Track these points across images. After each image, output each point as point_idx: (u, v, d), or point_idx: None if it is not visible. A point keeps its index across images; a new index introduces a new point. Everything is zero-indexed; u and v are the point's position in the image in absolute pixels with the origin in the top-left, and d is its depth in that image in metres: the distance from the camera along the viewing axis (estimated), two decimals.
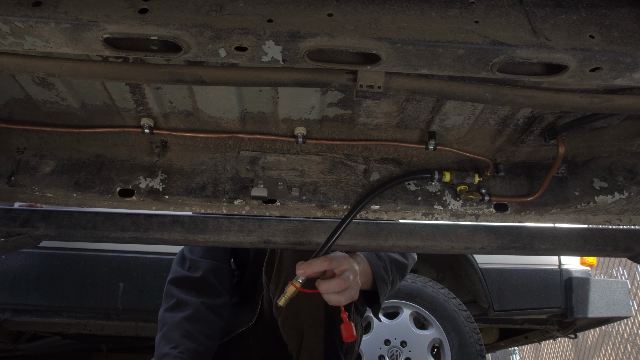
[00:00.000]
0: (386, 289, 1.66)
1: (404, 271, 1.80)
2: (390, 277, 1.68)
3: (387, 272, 1.67)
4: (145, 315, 3.22)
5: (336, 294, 1.32)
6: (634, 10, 0.95)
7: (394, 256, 1.76)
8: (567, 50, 0.89)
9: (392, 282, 1.71)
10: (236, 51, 0.89)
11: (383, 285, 1.63)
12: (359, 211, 1.38)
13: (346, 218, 1.35)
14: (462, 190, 1.43)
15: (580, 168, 1.48)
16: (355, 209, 1.38)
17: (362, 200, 1.39)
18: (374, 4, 0.92)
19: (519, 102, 1.06)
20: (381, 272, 1.64)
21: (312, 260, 1.31)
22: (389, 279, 1.67)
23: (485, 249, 1.44)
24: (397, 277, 1.75)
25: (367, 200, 1.39)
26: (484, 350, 3.09)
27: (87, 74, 0.99)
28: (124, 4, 0.87)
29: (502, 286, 3.33)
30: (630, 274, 6.31)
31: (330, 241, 1.32)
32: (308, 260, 1.32)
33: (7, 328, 3.54)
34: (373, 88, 1.00)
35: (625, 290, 3.65)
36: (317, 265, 1.31)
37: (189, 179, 1.44)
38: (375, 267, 1.62)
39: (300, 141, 1.39)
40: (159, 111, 1.33)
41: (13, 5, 0.85)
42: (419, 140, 1.44)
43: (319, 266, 1.31)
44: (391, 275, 1.69)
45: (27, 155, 1.43)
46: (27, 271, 3.11)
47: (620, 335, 6.41)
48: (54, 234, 1.39)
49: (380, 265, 1.65)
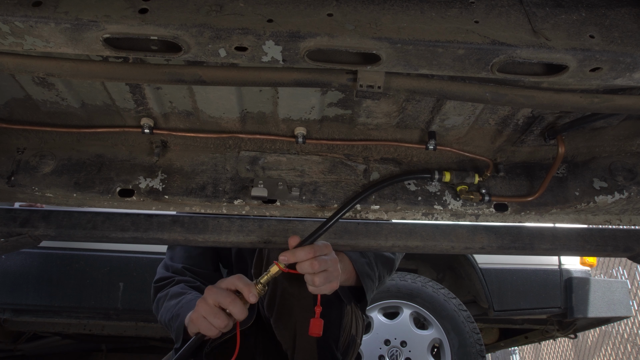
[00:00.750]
0: (372, 285, 1.66)
1: (391, 265, 1.81)
2: (376, 273, 1.69)
3: (372, 268, 1.68)
4: (145, 315, 3.22)
5: (311, 275, 1.34)
6: (634, 10, 0.95)
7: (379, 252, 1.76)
8: (567, 50, 0.89)
9: (379, 278, 1.72)
10: (236, 51, 0.89)
11: (369, 281, 1.64)
12: (352, 207, 1.39)
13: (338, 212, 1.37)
14: (462, 190, 1.43)
15: (580, 168, 1.48)
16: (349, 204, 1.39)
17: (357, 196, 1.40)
18: (374, 4, 0.92)
19: (519, 102, 1.06)
20: (365, 268, 1.64)
21: (296, 249, 1.33)
22: (375, 275, 1.68)
23: (485, 249, 1.44)
24: (384, 272, 1.76)
25: (363, 196, 1.40)
26: (484, 350, 3.09)
27: (87, 74, 0.99)
28: (124, 4, 0.87)
29: (502, 286, 3.33)
30: (630, 274, 6.31)
31: (318, 233, 1.33)
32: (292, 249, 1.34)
33: (7, 328, 3.54)
34: (373, 88, 1.00)
35: (625, 290, 3.65)
36: (300, 255, 1.33)
37: (189, 179, 1.44)
38: (358, 265, 1.63)
39: (300, 141, 1.39)
40: (159, 111, 1.33)
41: (13, 5, 0.85)
42: (419, 140, 1.44)
43: (303, 255, 1.33)
44: (377, 270, 1.70)
45: (27, 155, 1.43)
46: (27, 271, 3.11)
47: (620, 335, 6.41)
48: (54, 234, 1.39)
49: (364, 262, 1.66)
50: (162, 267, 1.87)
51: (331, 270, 1.37)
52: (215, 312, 1.35)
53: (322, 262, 1.35)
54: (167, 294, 1.71)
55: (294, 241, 1.34)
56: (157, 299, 1.75)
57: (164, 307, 1.68)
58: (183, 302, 1.61)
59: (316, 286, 1.36)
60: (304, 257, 1.33)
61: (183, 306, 1.58)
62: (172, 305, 1.63)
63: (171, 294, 1.69)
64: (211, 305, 1.36)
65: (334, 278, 1.38)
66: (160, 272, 1.84)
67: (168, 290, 1.73)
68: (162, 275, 1.81)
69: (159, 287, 1.78)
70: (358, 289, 1.65)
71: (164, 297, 1.71)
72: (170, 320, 1.59)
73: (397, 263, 1.85)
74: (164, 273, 1.82)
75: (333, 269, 1.38)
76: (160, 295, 1.74)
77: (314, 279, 1.35)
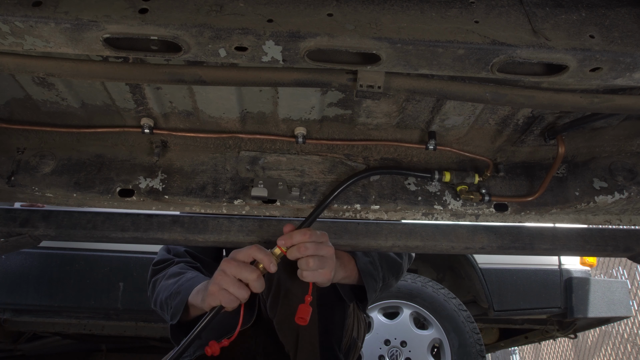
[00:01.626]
0: (375, 285, 1.65)
1: (398, 269, 1.79)
2: (380, 274, 1.68)
3: (376, 268, 1.66)
4: (145, 315, 3.22)
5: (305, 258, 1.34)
6: (634, 10, 0.95)
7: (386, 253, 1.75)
8: (567, 50, 0.89)
9: (384, 279, 1.71)
10: (236, 51, 0.89)
11: (371, 280, 1.62)
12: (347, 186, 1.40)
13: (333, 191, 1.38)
14: (462, 190, 1.43)
15: (580, 168, 1.48)
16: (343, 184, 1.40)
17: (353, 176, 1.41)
18: (374, 4, 0.92)
19: (519, 102, 1.06)
20: (368, 267, 1.63)
21: (293, 232, 1.34)
22: (379, 276, 1.67)
23: (485, 249, 1.44)
24: (389, 274, 1.74)
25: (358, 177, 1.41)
26: (484, 350, 3.09)
27: (87, 74, 0.99)
28: (124, 4, 0.87)
29: (502, 286, 3.33)
30: (630, 274, 6.31)
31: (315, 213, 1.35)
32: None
33: (7, 328, 3.54)
34: (373, 88, 1.00)
35: (625, 290, 3.65)
36: (297, 237, 1.33)
37: (189, 179, 1.44)
38: (360, 263, 1.62)
39: (300, 141, 1.39)
40: (159, 111, 1.33)
41: (13, 5, 0.85)
42: (419, 140, 1.44)
43: (299, 238, 1.33)
44: (381, 271, 1.68)
45: (27, 155, 1.43)
46: (27, 271, 3.11)
47: (620, 335, 6.41)
48: (54, 234, 1.39)
49: (367, 261, 1.65)
50: (163, 250, 1.84)
51: (326, 257, 1.37)
52: (237, 284, 1.32)
53: (317, 246, 1.35)
54: (165, 274, 1.69)
55: (289, 229, 1.35)
56: (154, 281, 1.72)
57: (160, 286, 1.65)
58: (183, 280, 1.59)
59: (310, 269, 1.35)
60: (300, 240, 1.34)
61: (183, 284, 1.56)
62: (170, 284, 1.60)
63: (170, 273, 1.67)
64: (231, 277, 1.33)
65: (327, 265, 1.37)
66: (161, 255, 1.81)
67: (166, 271, 1.71)
68: (162, 258, 1.79)
69: (157, 270, 1.76)
70: (360, 287, 1.65)
71: (162, 277, 1.69)
72: (167, 298, 1.57)
73: (405, 267, 1.83)
74: (164, 255, 1.80)
75: (328, 256, 1.38)
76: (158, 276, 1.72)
77: (308, 261, 1.34)
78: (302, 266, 1.36)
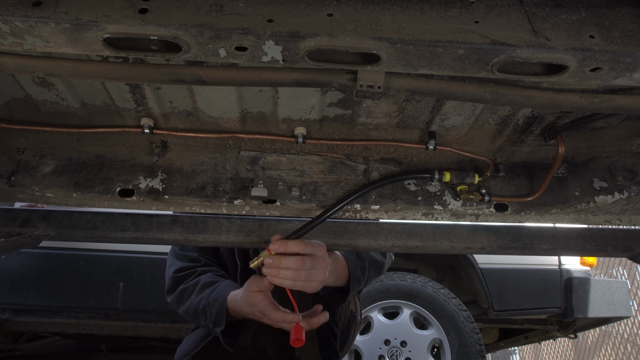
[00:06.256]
0: (357, 287, 1.69)
1: (381, 270, 1.84)
2: (365, 277, 1.72)
3: (364, 272, 1.70)
4: (145, 315, 3.22)
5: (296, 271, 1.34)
6: (634, 10, 0.95)
7: (374, 256, 1.79)
8: (567, 50, 0.89)
9: (366, 281, 1.76)
10: (236, 51, 0.89)
11: (356, 284, 1.66)
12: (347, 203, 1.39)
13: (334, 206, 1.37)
14: (462, 190, 1.43)
15: (580, 168, 1.48)
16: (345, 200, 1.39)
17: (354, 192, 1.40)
18: (374, 4, 0.92)
19: (519, 102, 1.06)
20: (358, 272, 1.66)
21: (288, 241, 1.33)
22: (364, 279, 1.71)
23: (485, 249, 1.44)
24: (373, 275, 1.79)
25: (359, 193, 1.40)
26: (484, 350, 3.09)
27: (87, 74, 0.99)
28: (124, 4, 0.87)
29: (502, 286, 3.33)
30: (630, 274, 6.31)
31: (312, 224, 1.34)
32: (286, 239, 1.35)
33: (7, 328, 3.54)
34: (373, 88, 1.00)
35: (625, 290, 3.65)
36: (291, 246, 1.33)
37: (189, 179, 1.44)
38: (353, 268, 1.64)
39: (300, 141, 1.39)
40: (159, 111, 1.33)
41: (13, 5, 0.85)
42: (419, 140, 1.44)
43: (294, 248, 1.33)
44: (367, 275, 1.72)
45: (27, 155, 1.43)
46: (27, 271, 3.11)
47: (620, 335, 6.41)
48: (54, 234, 1.39)
49: (358, 266, 1.67)
50: (175, 257, 1.85)
51: (316, 272, 1.36)
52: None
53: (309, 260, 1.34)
54: (198, 282, 1.71)
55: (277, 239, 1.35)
56: (182, 290, 1.74)
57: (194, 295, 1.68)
58: (219, 288, 1.64)
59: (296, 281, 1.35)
60: (294, 250, 1.33)
61: (220, 291, 1.61)
62: (207, 293, 1.64)
63: (203, 282, 1.70)
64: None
65: (316, 279, 1.37)
66: (179, 263, 1.82)
67: (198, 279, 1.73)
68: (183, 265, 1.80)
69: (182, 278, 1.77)
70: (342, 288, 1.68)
71: (193, 286, 1.71)
72: (206, 307, 1.61)
73: (386, 267, 1.88)
74: (183, 263, 1.81)
75: (319, 271, 1.37)
76: (187, 285, 1.73)
77: (298, 274, 1.34)
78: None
